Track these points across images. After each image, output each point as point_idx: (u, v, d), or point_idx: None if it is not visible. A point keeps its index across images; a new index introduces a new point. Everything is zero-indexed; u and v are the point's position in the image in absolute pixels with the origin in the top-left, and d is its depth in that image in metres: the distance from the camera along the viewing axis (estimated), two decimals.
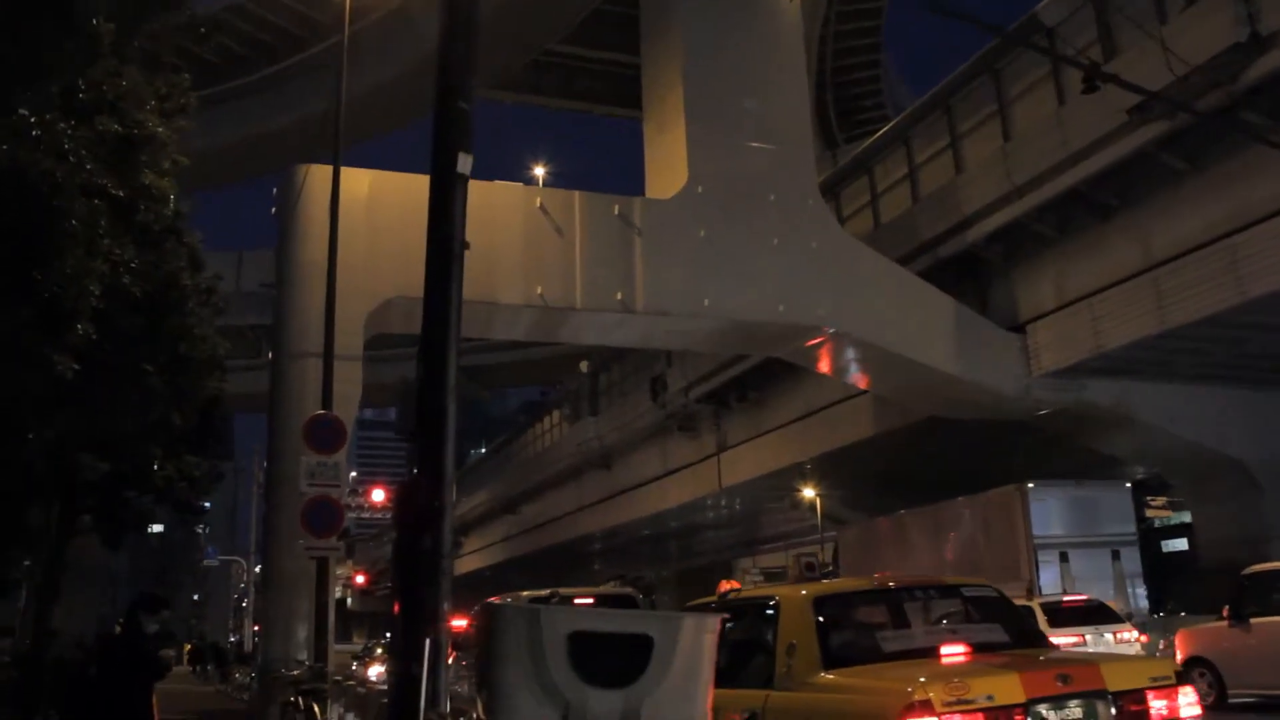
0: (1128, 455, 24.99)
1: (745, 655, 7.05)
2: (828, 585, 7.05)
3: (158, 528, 68.87)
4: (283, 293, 18.16)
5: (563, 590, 13.36)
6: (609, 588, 13.94)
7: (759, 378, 30.85)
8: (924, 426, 25.66)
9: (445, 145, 6.45)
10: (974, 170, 22.54)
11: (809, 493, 32.96)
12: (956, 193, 22.88)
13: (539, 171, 33.06)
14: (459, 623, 12.34)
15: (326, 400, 15.81)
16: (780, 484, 33.27)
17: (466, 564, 61.33)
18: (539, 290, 18.82)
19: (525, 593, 13.67)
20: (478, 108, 6.72)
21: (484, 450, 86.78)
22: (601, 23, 35.78)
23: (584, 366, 41.09)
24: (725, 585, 7.55)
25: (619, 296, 19.23)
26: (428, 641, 5.19)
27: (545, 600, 13.35)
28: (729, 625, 6.74)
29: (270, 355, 18.68)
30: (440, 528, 5.63)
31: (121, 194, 9.29)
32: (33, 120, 7.23)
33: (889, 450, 28.16)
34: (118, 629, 7.22)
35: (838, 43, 40.77)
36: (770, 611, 6.65)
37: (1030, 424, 24.09)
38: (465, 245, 6.19)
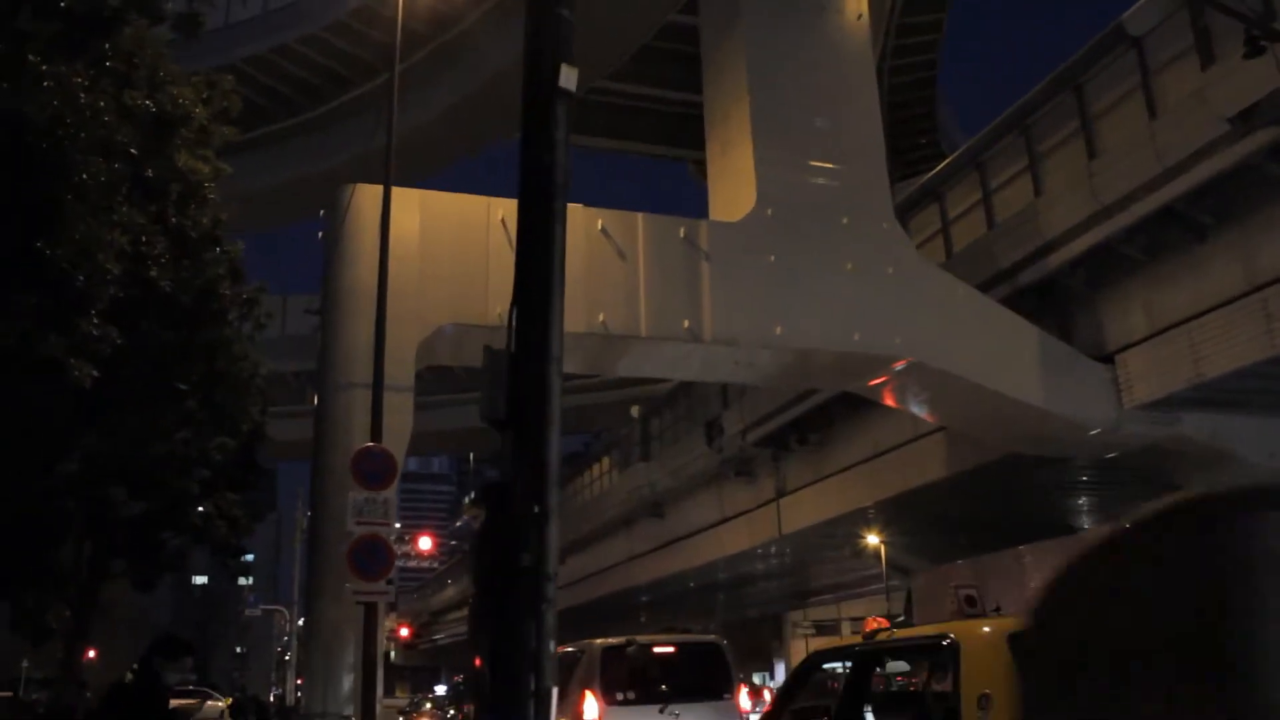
0: None
1: (906, 709, 5.57)
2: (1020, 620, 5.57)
3: (201, 579, 67.90)
4: (329, 320, 16.91)
5: (639, 638, 11.88)
6: (690, 635, 12.53)
7: (820, 419, 29.31)
8: (997, 467, 24.02)
9: (541, 56, 5.08)
10: (1055, 192, 21.05)
11: (873, 539, 31.21)
12: (1036, 217, 21.39)
13: None
14: None
15: (376, 433, 14.58)
16: (841, 531, 31.60)
17: None
18: (601, 318, 17.48)
19: (598, 640, 12.18)
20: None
21: None
22: (650, 59, 34.80)
23: (635, 411, 39.68)
24: (873, 623, 6.05)
25: (686, 325, 17.86)
26: (538, 689, 3.76)
27: (621, 649, 11.89)
28: (876, 672, 5.34)
29: (315, 389, 17.40)
30: (544, 539, 4.21)
31: (150, 172, 8.03)
32: (44, 68, 5.97)
33: (959, 494, 26.45)
34: (129, 676, 5.91)
35: (893, 77, 39.56)
36: (942, 655, 5.18)
37: (1112, 463, 22.42)
38: (568, 181, 4.83)
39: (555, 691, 3.86)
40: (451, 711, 38.78)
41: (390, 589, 13.79)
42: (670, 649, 11.72)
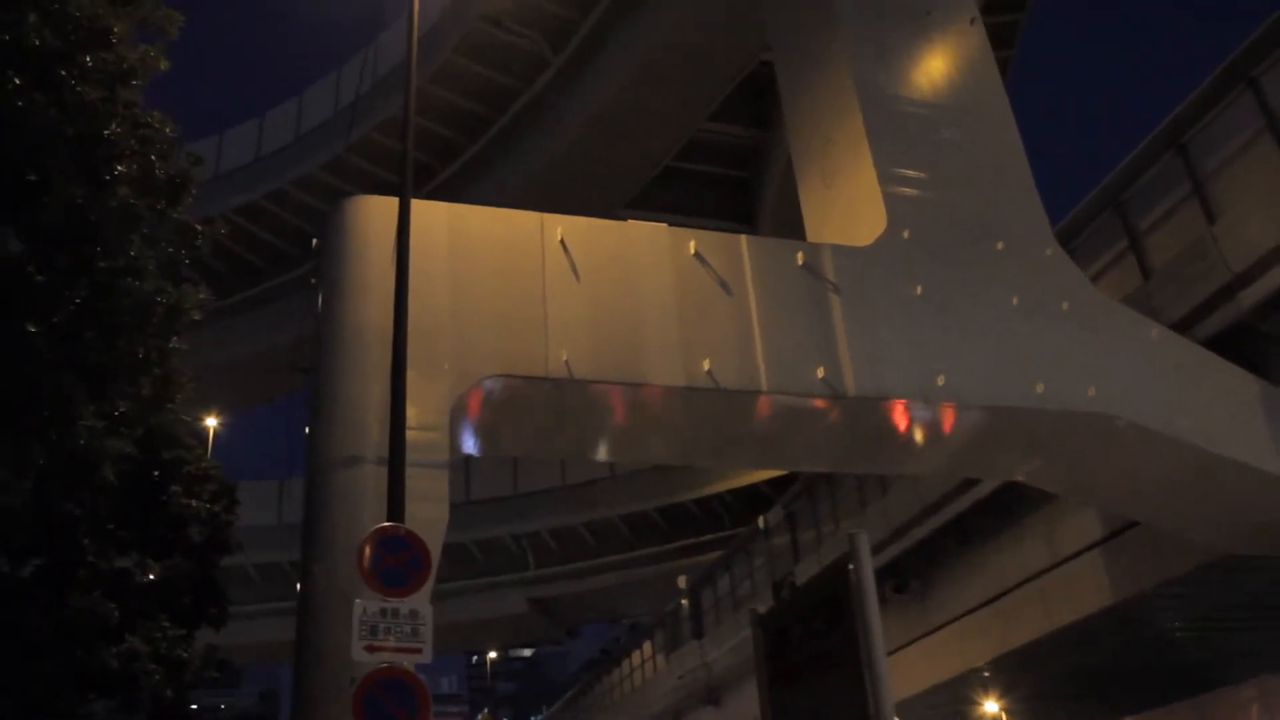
0: None
1: None
2: None
3: None
4: (325, 374, 11.17)
5: None
6: None
7: (922, 559, 23.25)
8: (1168, 591, 18.07)
9: None
10: (1240, 213, 15.89)
11: (991, 707, 24.52)
12: (1208, 251, 16.15)
13: None
14: None
15: (395, 516, 8.82)
16: (948, 698, 24.93)
17: None
18: (706, 366, 11.86)
19: None
20: None
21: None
22: (672, 181, 30.65)
23: (682, 582, 33.27)
24: None
25: (820, 374, 12.22)
26: None
27: None
28: None
29: (304, 470, 11.49)
30: None
31: None
32: None
33: (1117, 632, 20.21)
34: None
35: None
36: None
37: None
38: None
39: None
40: None
41: None
42: None
